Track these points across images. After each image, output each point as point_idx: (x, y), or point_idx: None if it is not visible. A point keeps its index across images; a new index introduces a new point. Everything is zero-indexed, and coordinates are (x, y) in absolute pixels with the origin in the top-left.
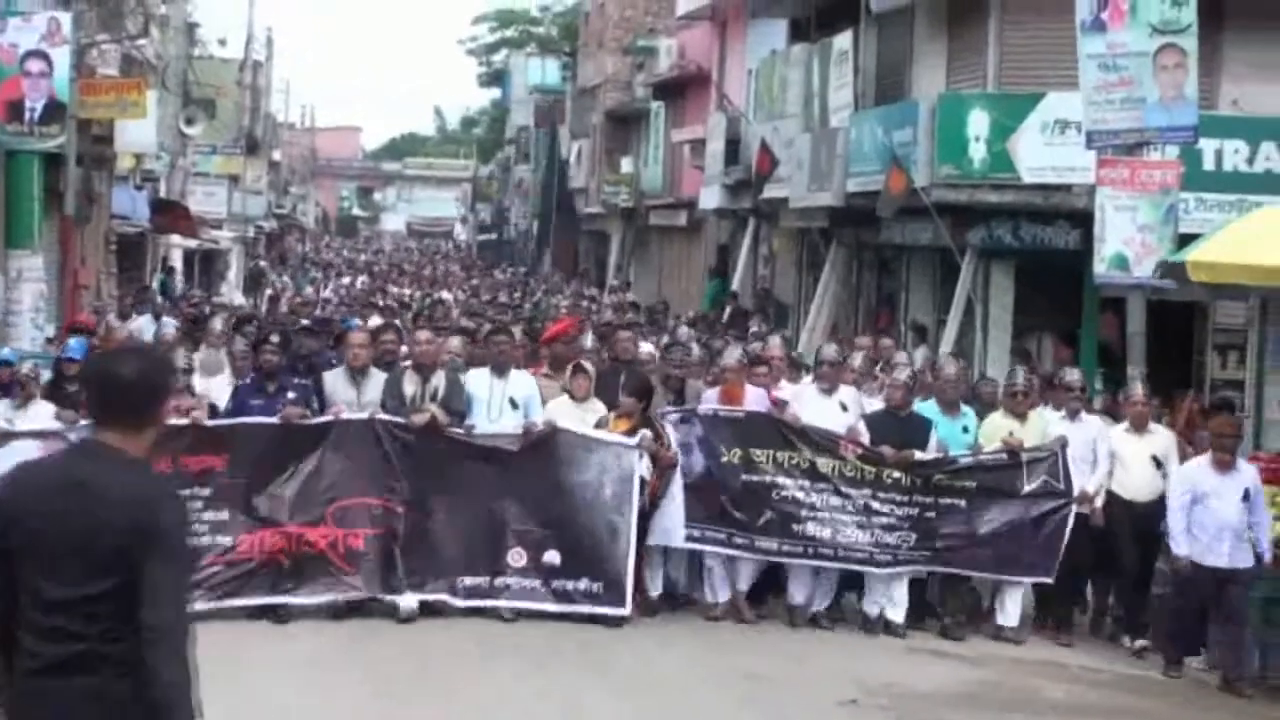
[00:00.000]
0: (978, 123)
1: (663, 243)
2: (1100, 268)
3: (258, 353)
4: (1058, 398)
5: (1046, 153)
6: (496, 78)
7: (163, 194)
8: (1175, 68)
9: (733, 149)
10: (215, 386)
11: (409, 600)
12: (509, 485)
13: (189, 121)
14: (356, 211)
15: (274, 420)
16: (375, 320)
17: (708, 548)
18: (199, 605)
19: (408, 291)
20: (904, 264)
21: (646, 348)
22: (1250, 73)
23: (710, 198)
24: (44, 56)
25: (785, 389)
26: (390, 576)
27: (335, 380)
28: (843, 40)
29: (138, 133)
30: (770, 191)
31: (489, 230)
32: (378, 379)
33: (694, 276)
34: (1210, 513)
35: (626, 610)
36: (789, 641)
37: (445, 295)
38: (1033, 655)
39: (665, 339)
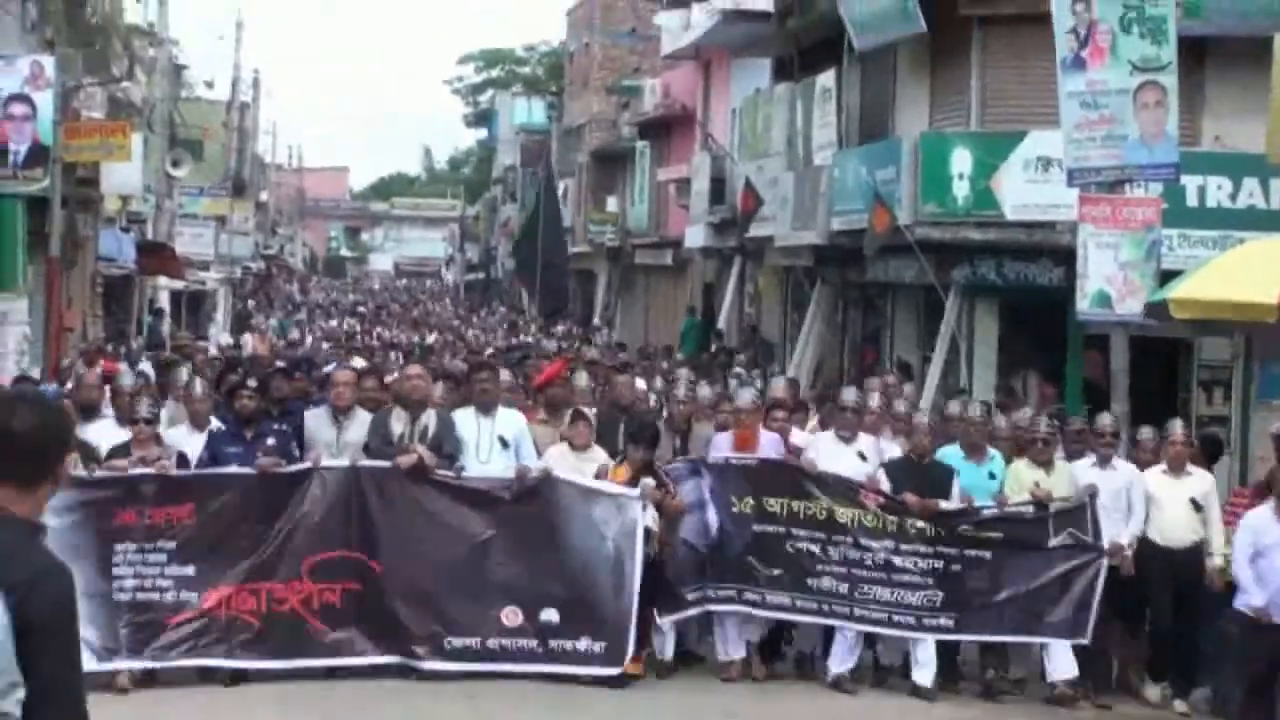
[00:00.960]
0: (961, 161)
1: (649, 281)
2: (1083, 305)
3: (233, 398)
4: (1085, 443)
5: (1029, 190)
6: (483, 118)
7: (149, 236)
8: (1156, 105)
9: (718, 188)
10: (180, 436)
11: (390, 661)
12: (502, 537)
13: (175, 163)
14: (344, 252)
15: (247, 470)
16: (359, 362)
17: (717, 607)
18: (161, 664)
19: (393, 333)
20: (889, 302)
21: (642, 386)
22: (1232, 109)
23: (695, 236)
24: (27, 100)
25: (796, 436)
26: (371, 636)
27: (317, 420)
28: (826, 79)
29: (123, 175)
30: (755, 230)
31: (476, 270)
32: (361, 420)
33: (680, 315)
34: (1275, 568)
35: (619, 669)
36: (804, 702)
37: (431, 338)
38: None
39: (660, 381)
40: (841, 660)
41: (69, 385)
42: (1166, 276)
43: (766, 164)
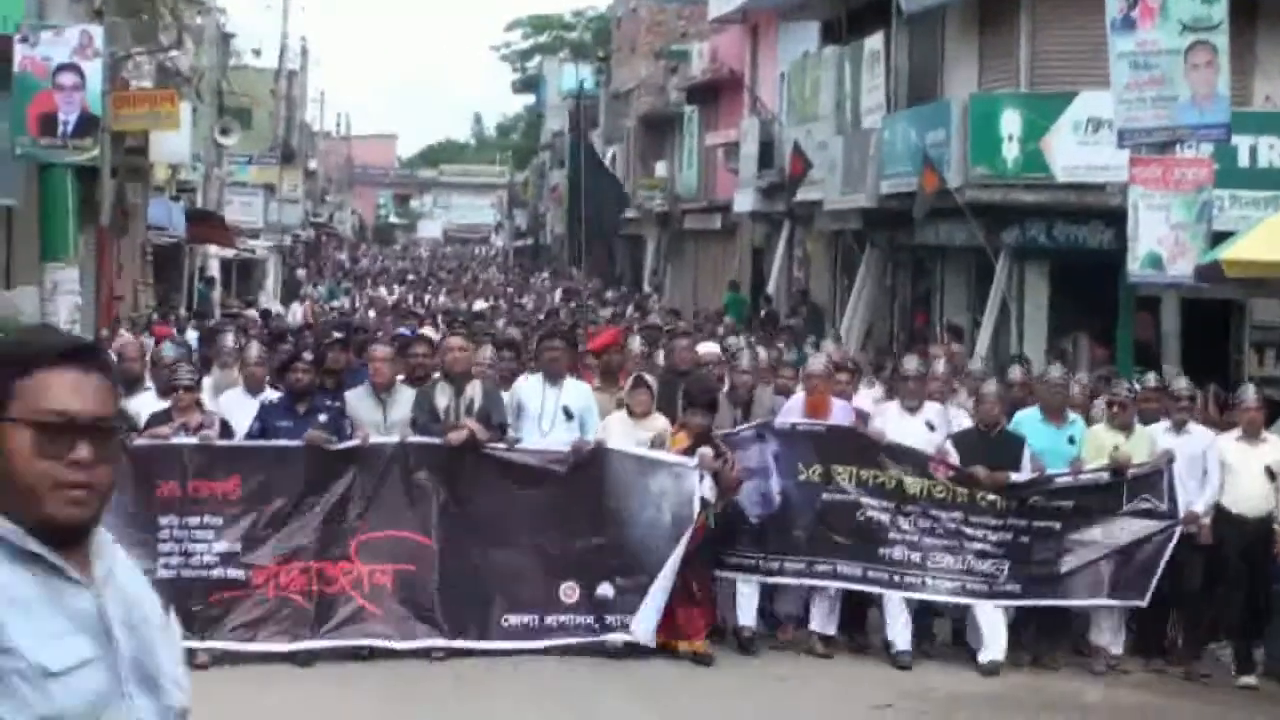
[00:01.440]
0: (1010, 122)
1: (698, 246)
2: (1134, 267)
3: (288, 371)
4: (1160, 407)
5: (1079, 152)
6: (530, 84)
7: (199, 204)
8: (1206, 65)
9: (766, 152)
10: (228, 403)
11: (443, 643)
12: (557, 511)
13: (224, 132)
14: (393, 219)
15: (295, 443)
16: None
17: (786, 580)
18: (209, 646)
19: (442, 301)
20: (938, 265)
21: (710, 349)
22: None
23: (744, 201)
24: (76, 70)
25: (860, 398)
26: (422, 617)
27: (358, 401)
28: (874, 42)
29: (172, 144)
30: (804, 194)
31: (525, 236)
32: (405, 396)
33: (730, 280)
34: None
35: (649, 639)
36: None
37: (480, 304)
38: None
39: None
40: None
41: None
42: (1218, 238)
43: (815, 128)
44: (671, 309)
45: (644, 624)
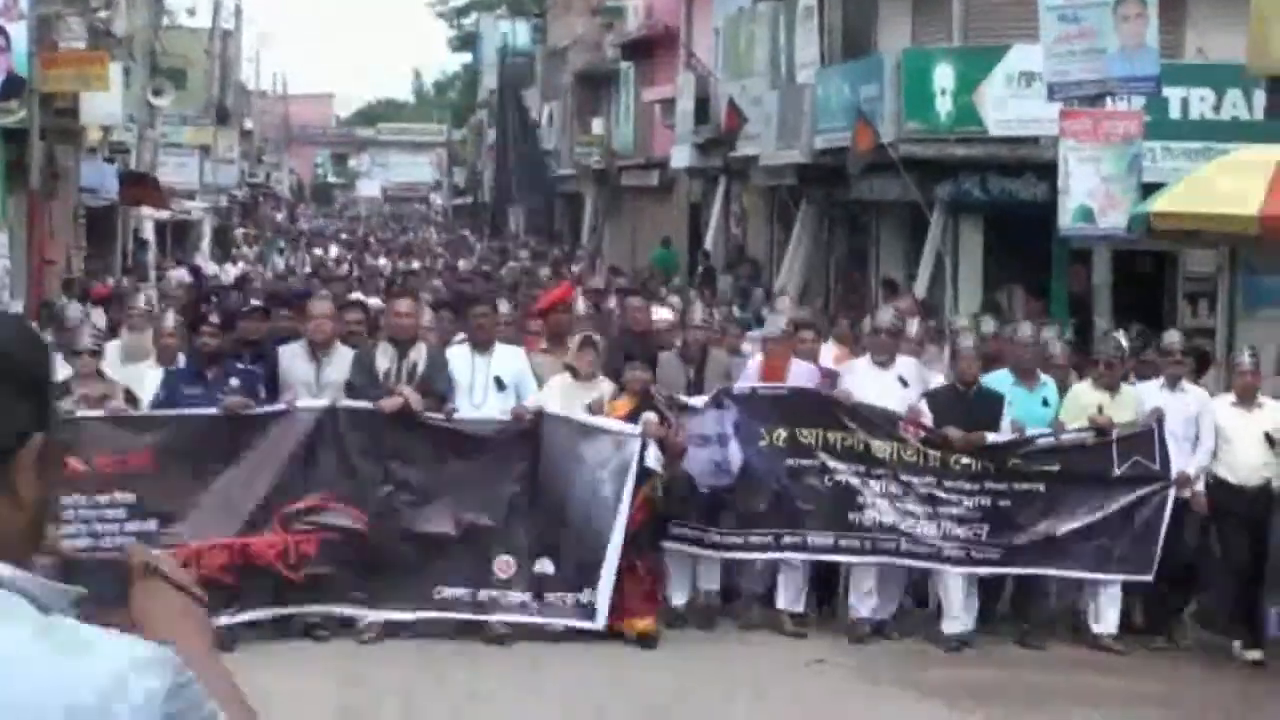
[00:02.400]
0: (943, 77)
1: (636, 203)
2: (1065, 220)
3: (195, 334)
4: (1153, 365)
5: (1012, 105)
6: (468, 41)
7: (133, 166)
8: (1136, 18)
9: (702, 107)
10: (137, 374)
11: (373, 616)
12: (495, 482)
13: (157, 93)
14: (332, 179)
15: (212, 411)
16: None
17: (752, 555)
18: None
19: (383, 262)
20: (874, 220)
21: (664, 314)
22: (1214, 21)
23: (681, 157)
24: (1, 31)
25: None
26: (351, 588)
27: (293, 357)
28: None
29: (104, 105)
30: (740, 150)
31: (464, 194)
32: (342, 357)
33: (668, 236)
34: None
35: (599, 624)
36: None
37: (416, 265)
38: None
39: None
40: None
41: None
42: (1150, 189)
43: (750, 83)
44: (612, 266)
45: (595, 607)
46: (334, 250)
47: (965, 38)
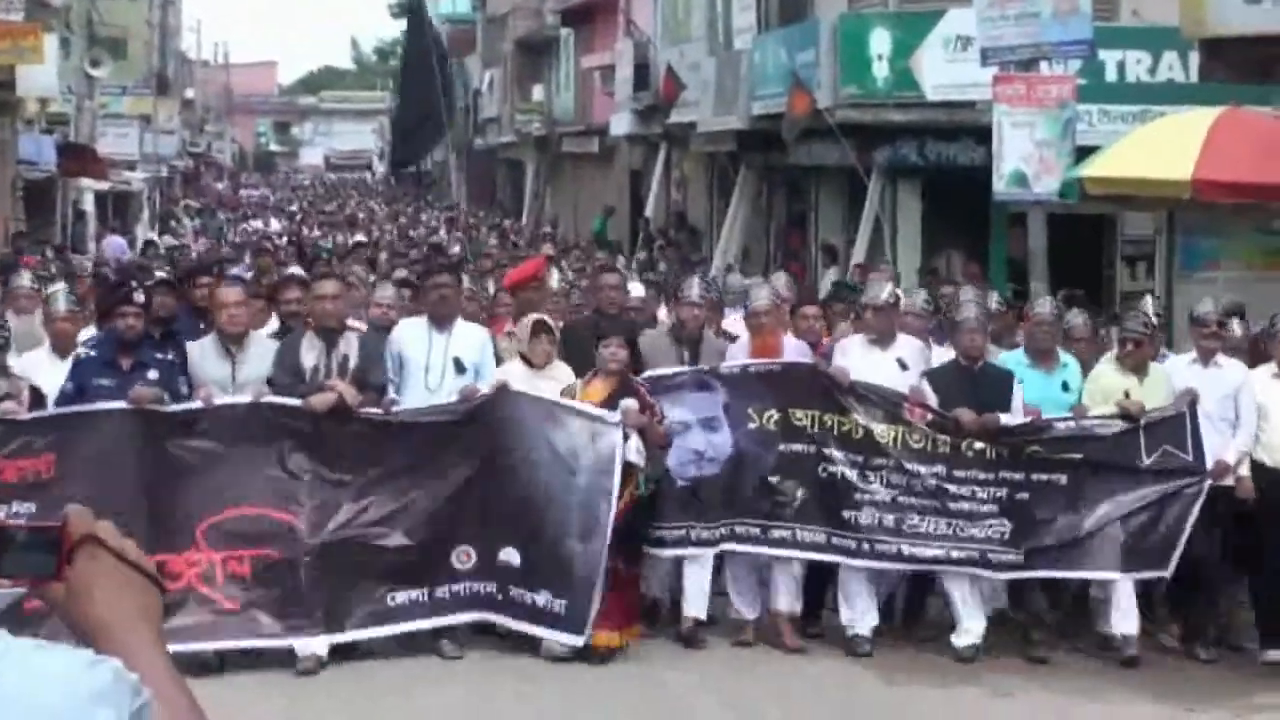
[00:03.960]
0: (880, 42)
1: (577, 170)
2: (999, 185)
3: (113, 316)
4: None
5: (949, 70)
6: (408, 7)
7: (71, 138)
8: None
9: (641, 74)
10: (33, 364)
11: (313, 645)
12: (448, 469)
13: (94, 63)
14: (274, 147)
15: (118, 405)
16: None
17: (737, 547)
18: None
19: (322, 234)
20: (813, 186)
21: (638, 290)
22: None
23: (621, 124)
24: None
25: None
26: (290, 607)
27: (203, 353)
28: None
29: (40, 77)
30: (679, 116)
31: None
32: (261, 349)
33: (609, 202)
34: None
35: (582, 640)
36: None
37: (359, 237)
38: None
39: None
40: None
41: None
42: (1087, 152)
43: (688, 49)
44: (546, 232)
45: (574, 625)
46: (274, 224)
47: (901, 2)
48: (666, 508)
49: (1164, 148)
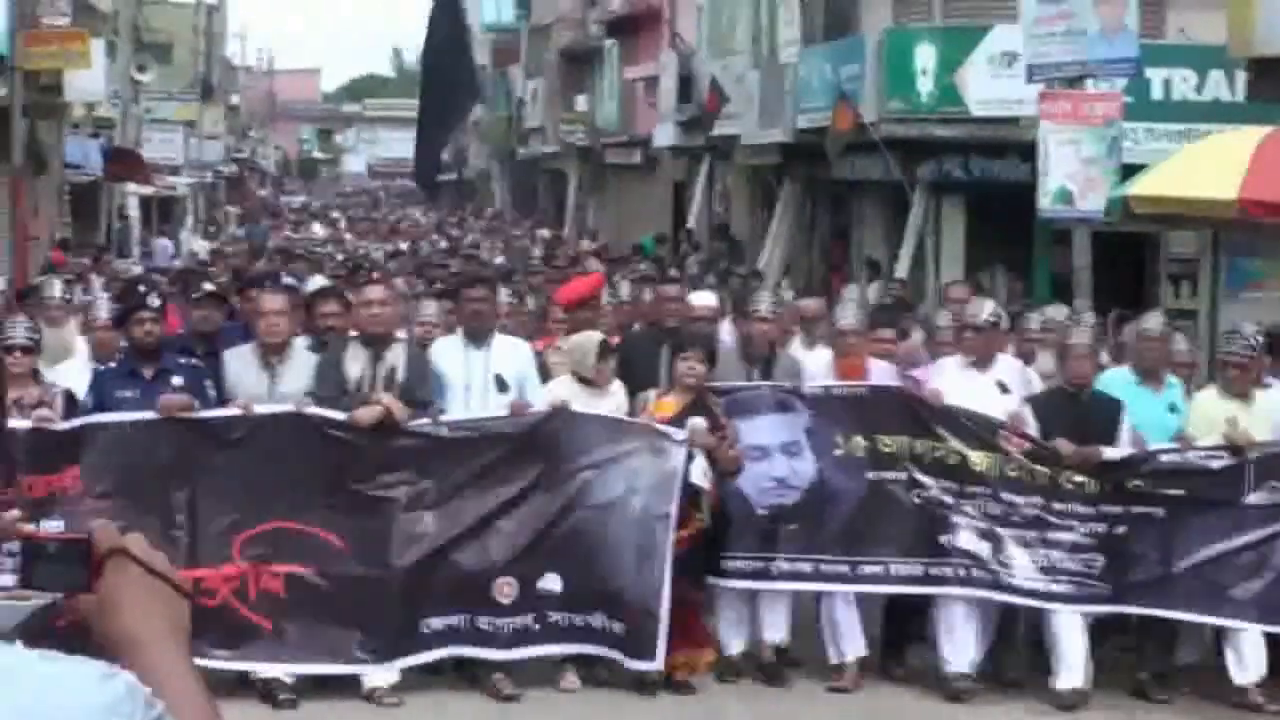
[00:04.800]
0: (925, 57)
1: (619, 181)
2: (1044, 202)
3: (129, 323)
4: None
5: (994, 85)
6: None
7: (117, 142)
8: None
9: (685, 86)
10: (63, 377)
11: (351, 669)
12: (498, 488)
13: (141, 69)
14: (317, 154)
15: (147, 415)
16: (318, 280)
17: (826, 585)
18: None
19: (366, 243)
20: (856, 200)
21: (705, 299)
22: (1196, 1)
23: (664, 135)
24: None
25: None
26: (323, 627)
27: (241, 363)
28: None
29: (87, 82)
30: (723, 128)
31: (448, 170)
32: (302, 361)
33: (651, 214)
34: None
35: (656, 664)
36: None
37: (402, 245)
38: None
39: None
40: (963, 645)
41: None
42: (1132, 170)
43: (732, 61)
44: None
45: (643, 650)
46: (318, 229)
47: (946, 17)
48: (743, 537)
49: (1210, 167)
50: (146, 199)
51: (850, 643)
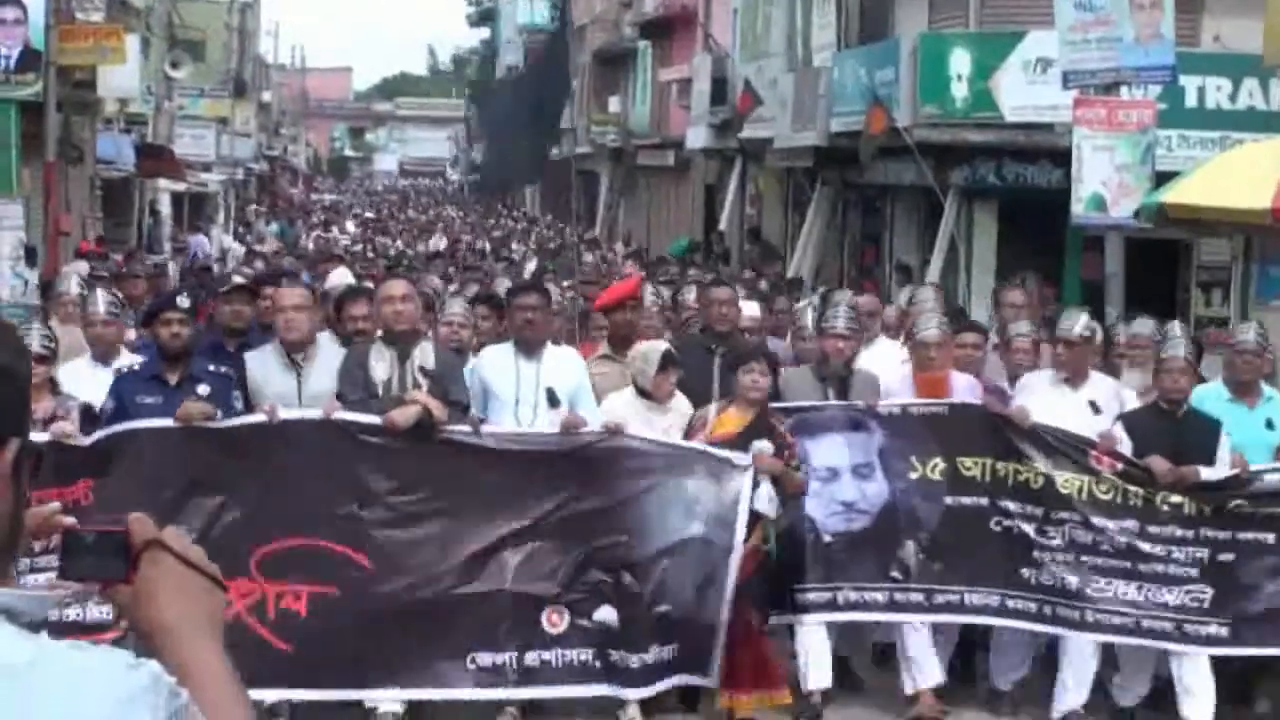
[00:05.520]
0: (959, 62)
1: (651, 183)
2: (1078, 208)
3: (156, 324)
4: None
5: (1028, 91)
6: (486, 16)
7: (149, 138)
8: (1152, 6)
9: (719, 88)
10: (72, 374)
11: (383, 698)
12: (546, 509)
13: (174, 65)
14: (349, 152)
15: (163, 423)
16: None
17: (897, 616)
18: None
19: (397, 243)
20: (888, 204)
21: (750, 309)
22: (1231, 9)
23: (697, 137)
24: (18, 3)
25: (879, 349)
26: (348, 656)
27: (263, 365)
28: None
29: (121, 77)
30: (756, 131)
31: (480, 171)
32: (329, 358)
33: (682, 217)
34: None
35: (712, 679)
36: None
37: (436, 243)
38: None
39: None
40: (1010, 665)
41: None
42: (1165, 178)
43: (766, 64)
44: (633, 250)
45: (697, 665)
46: (351, 227)
47: (981, 23)
48: (810, 566)
49: (1244, 175)
50: (178, 195)
51: (926, 672)
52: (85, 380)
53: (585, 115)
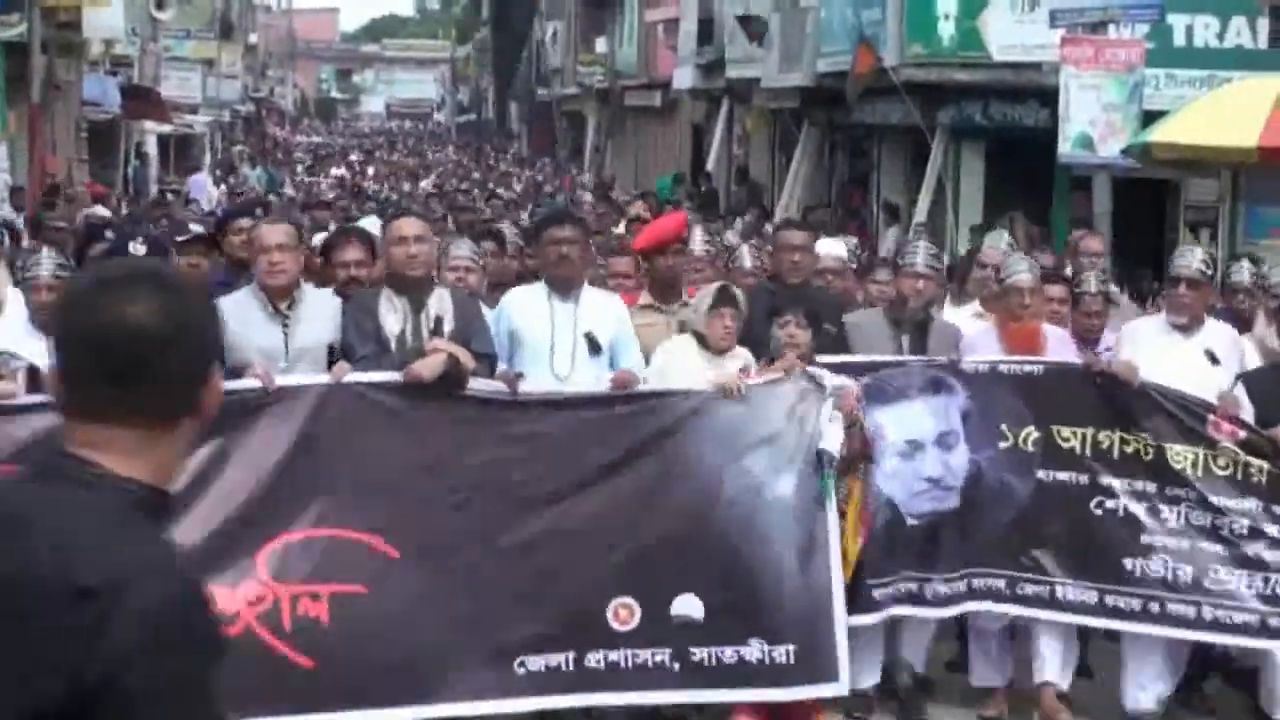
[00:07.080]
0: (946, 1)
1: (638, 124)
2: (1065, 148)
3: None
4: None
5: (1016, 30)
6: None
7: (135, 80)
8: None
9: (705, 28)
10: (15, 339)
11: (419, 711)
12: (603, 481)
13: (160, 6)
14: (335, 94)
15: None
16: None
17: (976, 605)
18: None
19: (384, 186)
20: (875, 144)
21: (834, 249)
22: None
23: (684, 78)
24: None
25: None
26: (382, 667)
27: (243, 312)
28: None
29: (106, 18)
30: (742, 71)
31: (467, 111)
32: (319, 307)
33: (670, 157)
34: None
35: (840, 686)
36: None
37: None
38: None
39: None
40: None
41: None
42: (1153, 117)
43: (753, 4)
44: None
45: (820, 671)
46: (334, 173)
47: None
48: (892, 555)
49: (1231, 114)
50: (164, 138)
51: (998, 667)
52: (24, 344)
53: (572, 56)
